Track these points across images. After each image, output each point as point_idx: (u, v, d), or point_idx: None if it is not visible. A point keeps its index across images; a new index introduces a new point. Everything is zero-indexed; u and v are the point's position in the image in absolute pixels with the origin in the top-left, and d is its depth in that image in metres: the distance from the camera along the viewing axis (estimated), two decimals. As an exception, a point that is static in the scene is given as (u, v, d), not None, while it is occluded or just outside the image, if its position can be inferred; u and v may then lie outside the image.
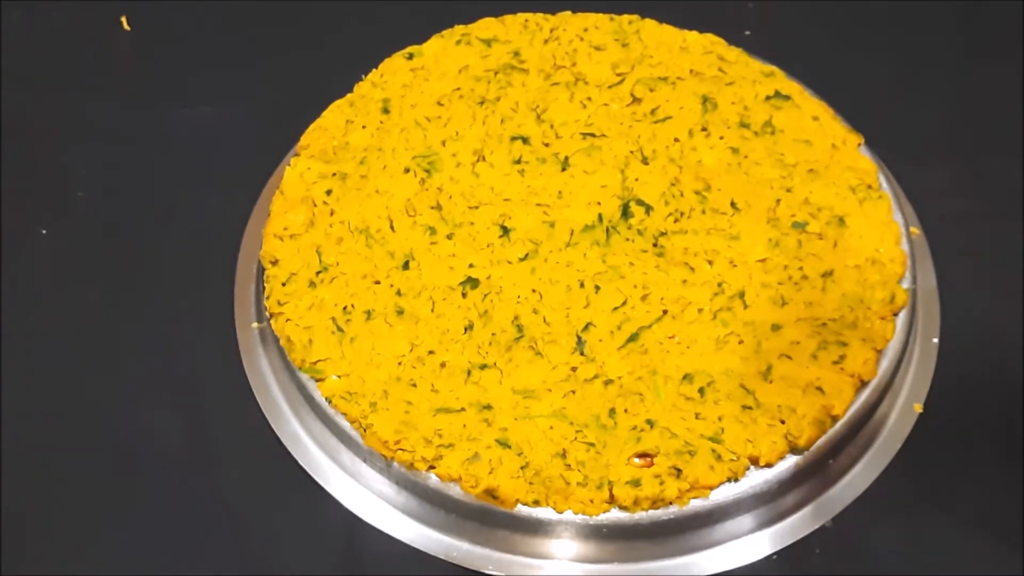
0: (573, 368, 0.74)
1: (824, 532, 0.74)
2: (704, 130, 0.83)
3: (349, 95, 0.86)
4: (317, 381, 0.74)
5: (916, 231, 0.84)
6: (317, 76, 0.92)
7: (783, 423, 0.71)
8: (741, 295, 0.76)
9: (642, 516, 0.70)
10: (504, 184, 0.81)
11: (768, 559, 0.73)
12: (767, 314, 0.75)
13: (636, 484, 0.69)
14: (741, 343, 0.74)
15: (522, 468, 0.70)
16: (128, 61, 0.97)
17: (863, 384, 0.74)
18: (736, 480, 0.71)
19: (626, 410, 0.72)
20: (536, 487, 0.70)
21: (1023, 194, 0.88)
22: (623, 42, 0.88)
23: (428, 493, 0.72)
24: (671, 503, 0.70)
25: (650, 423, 0.72)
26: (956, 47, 0.98)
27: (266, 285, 0.78)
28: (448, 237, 0.79)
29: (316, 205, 0.80)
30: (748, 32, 0.95)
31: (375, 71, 0.87)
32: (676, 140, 0.83)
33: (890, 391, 0.77)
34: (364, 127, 0.84)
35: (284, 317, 0.76)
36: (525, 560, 0.72)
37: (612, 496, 0.70)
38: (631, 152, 0.82)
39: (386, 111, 0.85)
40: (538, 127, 0.84)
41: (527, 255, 0.78)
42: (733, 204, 0.80)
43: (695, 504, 0.70)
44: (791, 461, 0.72)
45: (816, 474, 0.73)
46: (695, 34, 0.89)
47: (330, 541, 0.74)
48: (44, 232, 0.87)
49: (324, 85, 0.87)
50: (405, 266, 0.78)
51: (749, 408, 0.72)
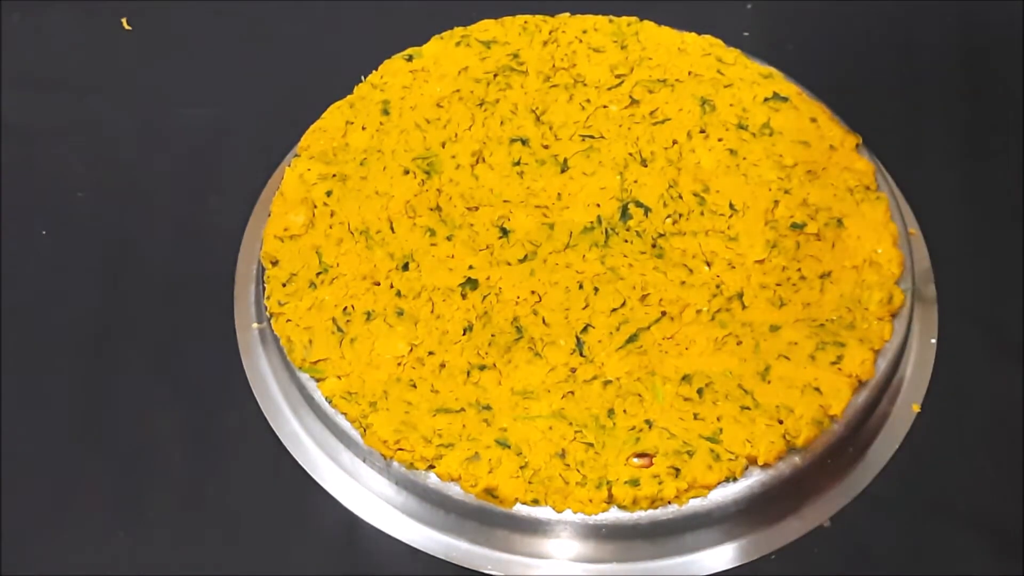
0: (572, 369, 0.74)
1: (822, 532, 0.74)
2: (703, 132, 0.84)
3: (349, 96, 0.86)
4: (317, 381, 0.74)
5: (914, 231, 0.85)
6: (317, 77, 0.92)
7: (781, 423, 0.72)
8: (739, 296, 0.76)
9: (641, 516, 0.70)
10: (503, 186, 0.81)
11: (767, 559, 0.73)
12: (765, 315, 0.76)
13: (635, 484, 0.70)
14: (739, 344, 0.74)
15: (521, 468, 0.70)
16: (128, 61, 0.96)
17: (861, 384, 0.74)
18: (734, 480, 0.71)
19: (625, 411, 0.72)
20: (535, 487, 0.70)
21: (1023, 194, 0.88)
22: (622, 44, 0.88)
23: (428, 493, 0.72)
24: (670, 503, 0.70)
25: (649, 423, 0.72)
26: (955, 47, 0.98)
27: (266, 286, 0.78)
28: (448, 238, 0.79)
29: (316, 206, 0.80)
30: (746, 33, 0.95)
31: (375, 73, 0.87)
32: (675, 142, 0.83)
33: (888, 391, 0.77)
34: (364, 128, 0.84)
35: (284, 317, 0.76)
36: (524, 560, 0.72)
37: (611, 496, 0.70)
38: (630, 154, 0.82)
39: (386, 112, 0.85)
40: (537, 129, 0.84)
41: (526, 256, 0.78)
42: (731, 205, 0.80)
43: (694, 504, 0.70)
44: (789, 461, 0.72)
45: (814, 474, 0.73)
46: (694, 36, 0.89)
47: (329, 541, 0.74)
48: (44, 232, 0.87)
49: (324, 86, 0.87)
50: (405, 267, 0.78)
51: (747, 408, 0.72)
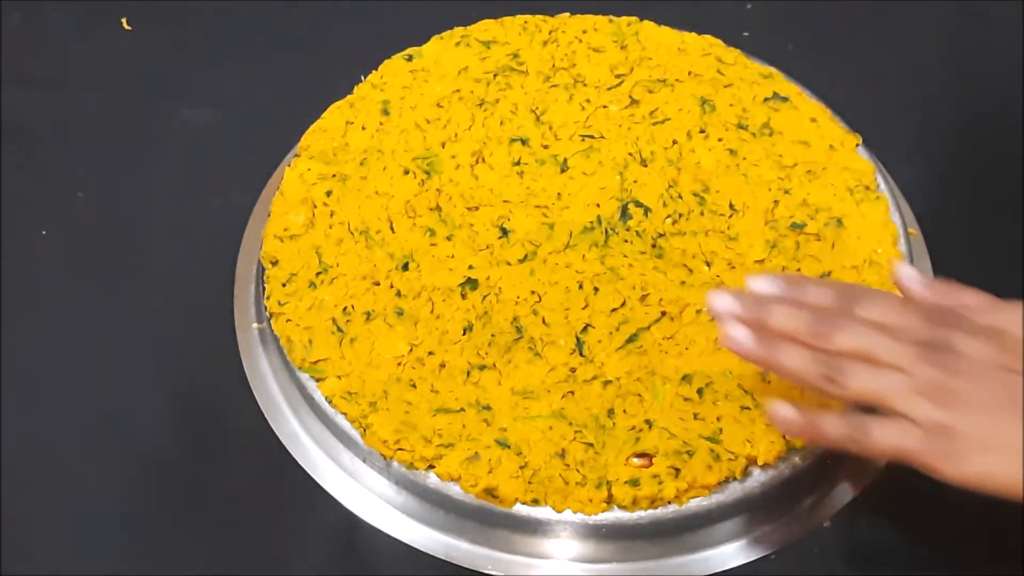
0: (572, 369, 0.74)
1: (823, 532, 0.74)
2: (703, 132, 0.84)
3: (349, 96, 0.86)
4: (317, 381, 0.74)
5: (914, 232, 0.84)
6: (317, 77, 0.92)
7: (781, 423, 0.72)
8: (739, 296, 0.76)
9: (641, 516, 0.70)
10: (503, 186, 0.81)
11: (766, 559, 0.73)
12: (765, 315, 0.76)
13: (635, 484, 0.70)
14: (739, 344, 0.74)
15: (521, 468, 0.70)
16: (128, 61, 0.96)
17: (861, 384, 0.74)
18: (734, 480, 0.71)
19: (625, 411, 0.72)
20: (535, 486, 0.70)
21: (1023, 194, 0.88)
22: (622, 44, 0.88)
23: (427, 493, 0.72)
24: (670, 503, 0.70)
25: (649, 423, 0.72)
26: (955, 48, 0.98)
27: (266, 286, 0.78)
28: (448, 238, 0.79)
29: (316, 206, 0.80)
30: (746, 33, 0.95)
31: (375, 73, 0.87)
32: (675, 142, 0.83)
33: (888, 391, 0.77)
34: (364, 128, 0.84)
35: (284, 317, 0.76)
36: (524, 560, 0.72)
37: (611, 496, 0.70)
38: (630, 154, 0.83)
39: (386, 112, 0.85)
40: (537, 129, 0.84)
41: (526, 256, 0.78)
42: (731, 206, 0.80)
43: (693, 504, 0.70)
44: (789, 461, 0.72)
45: (814, 474, 0.73)
46: (694, 36, 0.89)
47: (329, 541, 0.74)
48: (44, 232, 0.87)
49: (324, 86, 0.87)
50: (405, 267, 0.78)
51: (747, 408, 0.72)
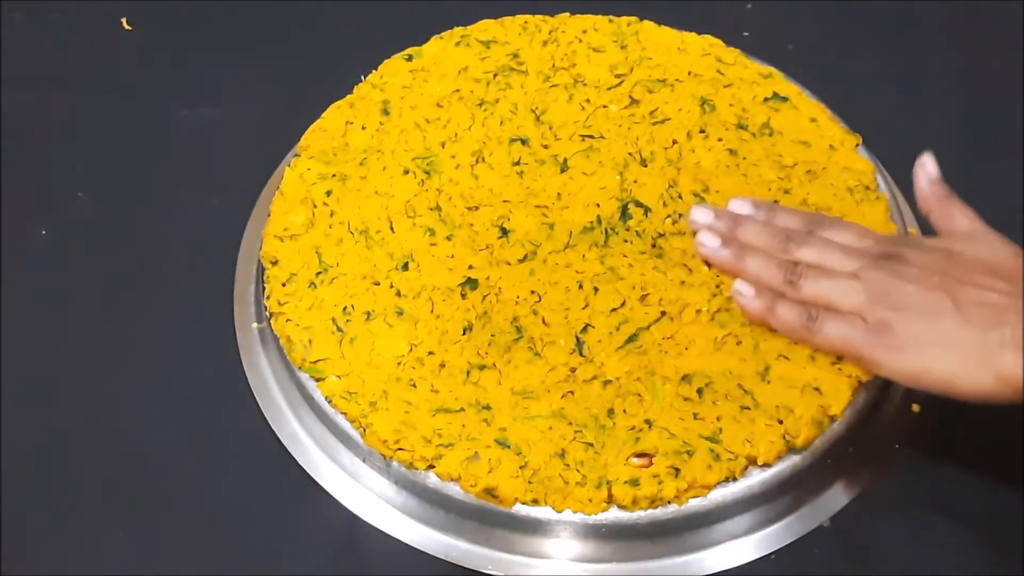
0: (572, 369, 0.74)
1: (822, 532, 0.74)
2: (702, 132, 0.84)
3: (349, 96, 0.86)
4: (317, 381, 0.74)
5: (914, 231, 0.84)
6: (317, 77, 0.92)
7: (781, 423, 0.72)
8: (739, 296, 0.77)
9: (640, 515, 0.70)
10: (503, 186, 0.81)
11: (766, 559, 0.73)
12: (765, 315, 0.76)
13: (635, 484, 0.70)
14: (739, 344, 0.74)
15: (521, 467, 0.70)
16: (128, 61, 0.97)
17: (861, 384, 0.74)
18: (734, 480, 0.71)
19: (625, 410, 0.72)
20: (535, 486, 0.70)
21: (1023, 194, 0.88)
22: (622, 44, 0.88)
23: (427, 492, 0.72)
24: (669, 503, 0.70)
25: (648, 423, 0.72)
26: (955, 47, 0.98)
27: (266, 285, 0.78)
28: (447, 238, 0.79)
29: (316, 206, 0.80)
30: (746, 33, 0.95)
31: (375, 72, 0.87)
32: (674, 142, 0.83)
33: (888, 391, 0.77)
34: (364, 128, 0.84)
35: (284, 317, 0.76)
36: (524, 560, 0.72)
37: (611, 495, 0.70)
38: (630, 154, 0.83)
39: (386, 112, 0.85)
40: (537, 129, 0.84)
41: (526, 256, 0.78)
42: (731, 205, 0.80)
43: (693, 503, 0.70)
44: (789, 461, 0.72)
45: (814, 474, 0.73)
46: (693, 35, 0.89)
47: (329, 541, 0.74)
48: (44, 232, 0.87)
49: (324, 86, 0.87)
50: (404, 267, 0.78)
51: (747, 408, 0.72)
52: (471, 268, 0.78)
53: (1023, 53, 0.96)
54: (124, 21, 0.98)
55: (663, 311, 0.76)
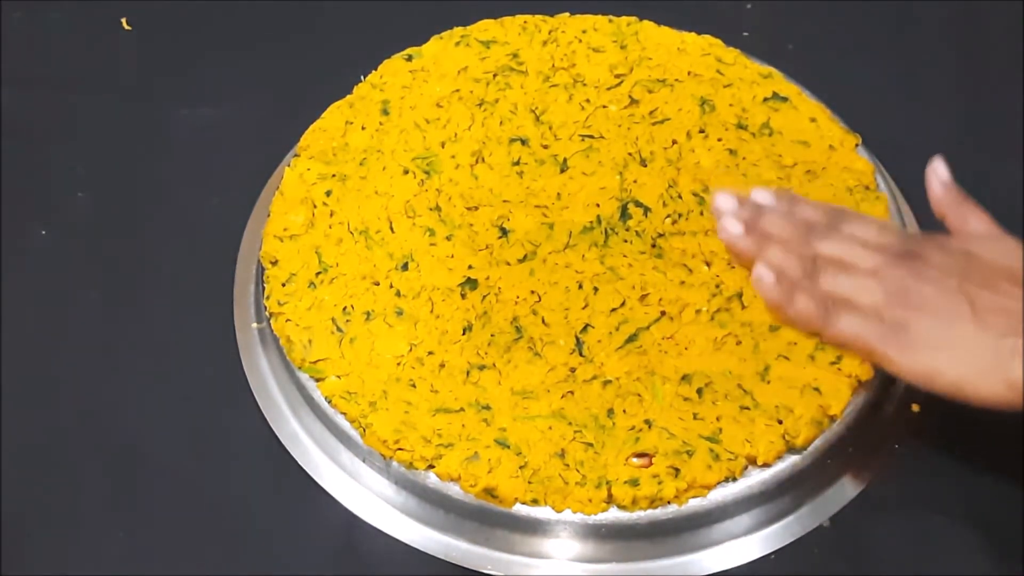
0: (572, 369, 0.74)
1: (822, 532, 0.74)
2: (702, 132, 0.84)
3: (349, 96, 0.86)
4: (317, 381, 0.74)
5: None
6: (317, 77, 0.92)
7: (781, 423, 0.72)
8: (739, 296, 0.76)
9: (640, 515, 0.70)
10: (503, 186, 0.81)
11: (766, 559, 0.73)
12: (764, 315, 0.75)
13: (634, 484, 0.70)
14: (739, 344, 0.75)
15: (521, 467, 0.70)
16: (128, 61, 0.96)
17: (860, 384, 0.74)
18: (734, 480, 0.71)
19: (624, 410, 0.72)
20: (535, 486, 0.70)
21: (1023, 194, 0.88)
22: (621, 44, 0.88)
23: (427, 493, 0.72)
24: (669, 503, 0.70)
25: (648, 423, 0.72)
26: (955, 47, 0.98)
27: (266, 285, 0.78)
28: (447, 238, 0.79)
29: (316, 206, 0.80)
30: (746, 33, 0.95)
31: (375, 72, 0.87)
32: (674, 142, 0.83)
33: (888, 391, 0.77)
34: (363, 128, 0.84)
35: (284, 317, 0.76)
36: (524, 560, 0.72)
37: (610, 495, 0.70)
38: (629, 154, 0.83)
39: (385, 112, 0.85)
40: (537, 129, 0.84)
41: (526, 256, 0.78)
42: (731, 205, 0.80)
43: (693, 503, 0.70)
44: (789, 461, 0.72)
45: (814, 474, 0.73)
46: (693, 36, 0.89)
47: (329, 541, 0.74)
48: (44, 232, 0.87)
49: (324, 86, 0.87)
50: (404, 267, 0.78)
51: (747, 408, 0.72)
52: (471, 268, 0.78)
53: (1023, 52, 0.96)
54: (124, 21, 0.98)
55: (663, 311, 0.76)
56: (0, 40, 0.97)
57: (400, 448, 0.71)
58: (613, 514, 0.70)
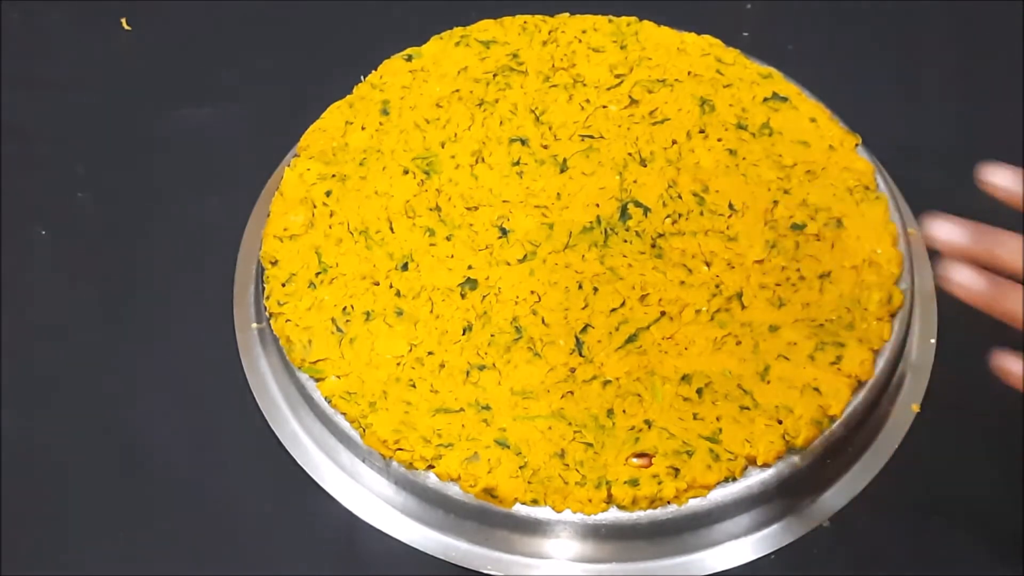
0: (572, 369, 0.74)
1: (822, 532, 0.74)
2: (702, 132, 0.84)
3: (348, 96, 0.86)
4: (316, 381, 0.74)
5: (914, 232, 0.84)
6: (317, 77, 0.92)
7: (780, 423, 0.72)
8: (739, 296, 0.76)
9: (640, 516, 0.70)
10: (503, 186, 0.81)
11: (766, 559, 0.73)
12: (764, 315, 0.76)
13: (634, 484, 0.70)
14: (739, 344, 0.75)
15: (520, 468, 0.70)
16: (128, 61, 0.97)
17: (860, 384, 0.74)
18: (734, 480, 0.71)
19: (624, 411, 0.72)
20: (534, 486, 0.70)
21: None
22: (621, 44, 0.88)
23: (427, 493, 0.72)
24: (669, 503, 0.70)
25: (648, 423, 0.72)
26: (955, 47, 0.98)
27: (266, 286, 0.78)
28: (447, 238, 0.79)
29: (316, 206, 0.80)
30: (746, 33, 0.95)
31: (374, 72, 0.87)
32: (674, 142, 0.83)
33: (887, 391, 0.77)
34: (363, 128, 0.84)
35: (284, 317, 0.76)
36: (524, 560, 0.72)
37: (610, 495, 0.70)
38: (629, 154, 0.83)
39: (385, 112, 0.85)
40: (536, 129, 0.84)
41: (526, 256, 0.78)
42: (731, 206, 0.80)
43: (693, 504, 0.71)
44: (789, 461, 0.72)
45: (813, 474, 0.73)
46: (693, 36, 0.89)
47: (329, 541, 0.74)
48: (44, 232, 0.87)
49: (324, 86, 0.87)
50: (404, 267, 0.78)
51: (747, 408, 0.72)
52: (471, 268, 0.78)
53: (1023, 53, 0.96)
54: (124, 21, 0.98)
55: (663, 311, 0.76)
56: (0, 40, 0.97)
57: (400, 448, 0.71)
58: (613, 514, 0.70)
